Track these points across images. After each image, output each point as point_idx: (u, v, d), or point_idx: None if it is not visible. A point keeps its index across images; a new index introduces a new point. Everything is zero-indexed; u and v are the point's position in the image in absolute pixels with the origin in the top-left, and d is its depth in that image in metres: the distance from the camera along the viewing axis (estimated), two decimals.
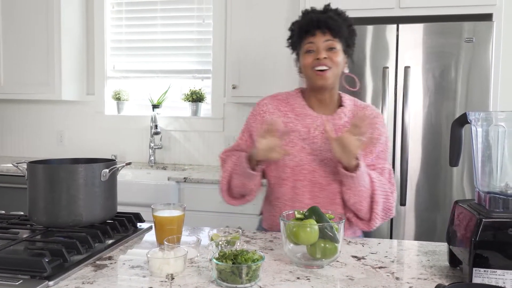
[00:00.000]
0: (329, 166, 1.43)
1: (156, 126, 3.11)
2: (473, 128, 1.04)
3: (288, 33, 1.51)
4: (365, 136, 1.29)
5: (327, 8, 1.47)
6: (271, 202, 1.53)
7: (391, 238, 2.34)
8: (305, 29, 1.42)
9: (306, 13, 1.47)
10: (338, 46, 1.42)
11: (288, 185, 1.45)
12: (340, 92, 1.55)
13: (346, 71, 1.51)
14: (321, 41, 1.40)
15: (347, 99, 1.53)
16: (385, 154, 1.50)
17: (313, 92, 1.50)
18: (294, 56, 1.53)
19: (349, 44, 1.48)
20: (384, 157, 1.50)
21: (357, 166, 1.34)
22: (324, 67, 1.40)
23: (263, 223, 1.60)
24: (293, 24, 1.50)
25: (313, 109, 1.49)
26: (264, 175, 1.52)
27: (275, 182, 1.49)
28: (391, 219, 2.34)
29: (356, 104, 1.54)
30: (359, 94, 2.34)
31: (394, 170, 2.32)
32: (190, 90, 3.18)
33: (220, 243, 1.15)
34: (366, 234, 1.58)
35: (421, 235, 2.31)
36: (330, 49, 1.41)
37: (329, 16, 1.41)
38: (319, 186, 1.44)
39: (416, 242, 1.37)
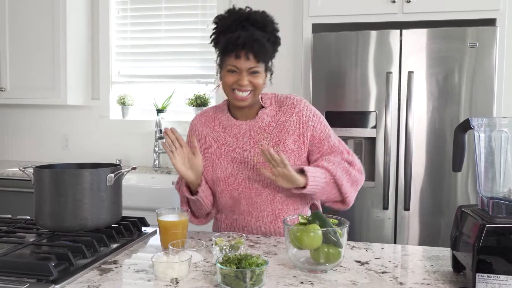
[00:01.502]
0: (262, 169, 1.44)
1: (160, 131, 3.12)
2: (476, 134, 1.05)
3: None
4: (278, 155, 1.31)
5: (254, 17, 1.39)
6: (217, 210, 1.57)
7: (395, 243, 2.33)
8: (230, 49, 1.37)
9: (232, 18, 1.40)
10: (261, 68, 1.40)
11: (225, 196, 1.49)
12: (262, 93, 1.52)
13: (265, 87, 1.47)
14: (244, 66, 1.37)
15: (268, 98, 1.53)
16: (325, 132, 1.48)
17: (233, 107, 1.51)
18: (217, 62, 1.49)
19: (272, 59, 1.45)
20: (326, 136, 1.48)
21: (306, 177, 1.36)
22: (244, 94, 1.40)
23: (212, 227, 1.64)
24: (218, 20, 1.46)
25: (237, 118, 1.51)
26: None
27: (215, 195, 1.52)
28: (395, 225, 2.34)
29: (276, 99, 1.53)
30: (363, 98, 2.35)
31: (398, 174, 2.33)
32: (194, 95, 3.19)
33: (224, 247, 1.16)
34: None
35: (425, 240, 2.31)
36: (253, 73, 1.39)
37: (255, 38, 1.34)
38: (255, 190, 1.46)
39: (419, 247, 1.37)
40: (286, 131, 1.47)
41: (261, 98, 1.52)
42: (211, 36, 1.49)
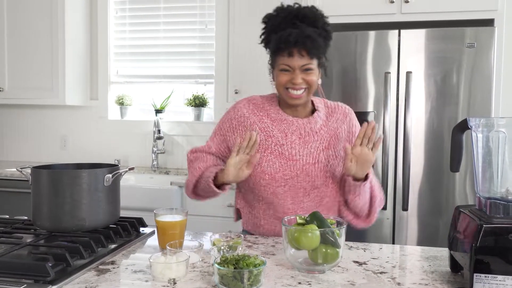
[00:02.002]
0: (312, 171, 1.43)
1: (159, 131, 3.12)
2: (474, 134, 1.05)
3: None
4: (375, 141, 1.32)
5: (303, 12, 1.38)
6: (252, 204, 1.52)
7: (393, 243, 2.33)
8: (282, 48, 1.36)
9: (282, 16, 1.39)
10: (314, 65, 1.39)
11: (268, 191, 1.45)
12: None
13: (319, 82, 1.47)
14: (297, 64, 1.36)
15: (318, 102, 1.53)
16: None
17: (286, 103, 1.49)
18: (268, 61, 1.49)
19: (325, 55, 1.45)
20: None
21: (367, 174, 1.37)
22: (298, 91, 1.39)
23: (244, 225, 1.59)
24: (268, 19, 1.44)
25: (287, 113, 1.48)
26: None
27: (255, 187, 1.47)
28: (394, 225, 2.34)
29: (327, 105, 1.54)
30: (361, 99, 2.35)
31: (396, 175, 2.33)
32: (193, 95, 3.19)
33: (222, 248, 1.16)
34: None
35: (423, 240, 2.31)
36: (306, 70, 1.38)
37: (307, 34, 1.33)
38: (303, 191, 1.44)
39: (417, 247, 1.37)
40: (337, 137, 1.47)
41: (312, 101, 1.51)
42: (261, 36, 1.46)
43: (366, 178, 1.38)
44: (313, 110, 1.51)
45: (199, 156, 1.53)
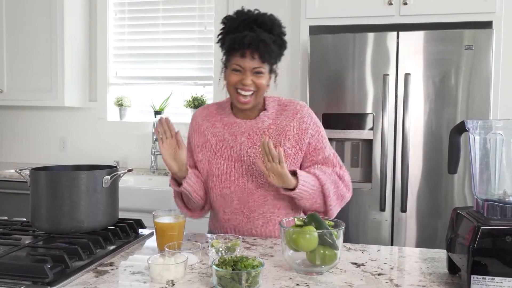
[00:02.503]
0: (256, 170, 1.46)
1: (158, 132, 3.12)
2: (471, 136, 1.05)
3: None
4: (277, 151, 1.33)
5: (262, 20, 1.41)
6: (212, 208, 1.59)
7: (392, 244, 2.34)
8: (235, 48, 1.38)
9: (241, 19, 1.42)
10: (265, 69, 1.42)
11: (216, 192, 1.50)
12: (265, 95, 1.54)
13: (268, 89, 1.49)
14: (249, 66, 1.39)
15: (271, 101, 1.54)
16: (321, 142, 1.51)
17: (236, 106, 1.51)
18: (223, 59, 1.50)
19: (277, 62, 1.47)
20: (322, 146, 1.50)
21: (297, 180, 1.38)
22: (247, 93, 1.41)
23: (214, 232, 1.62)
24: (227, 21, 1.48)
25: (238, 117, 1.52)
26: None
27: (207, 190, 1.54)
28: (392, 226, 2.34)
29: (280, 103, 1.54)
30: (359, 101, 2.35)
31: (395, 176, 2.33)
32: (192, 96, 3.19)
33: (220, 249, 1.16)
34: None
35: (422, 241, 2.31)
36: (257, 73, 1.40)
37: (262, 38, 1.36)
38: (248, 190, 1.47)
39: (415, 249, 1.38)
40: (285, 135, 1.48)
41: (264, 101, 1.53)
42: (218, 36, 1.50)
43: (296, 185, 1.38)
44: (263, 109, 1.53)
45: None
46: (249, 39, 1.36)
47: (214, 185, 1.49)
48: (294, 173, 1.40)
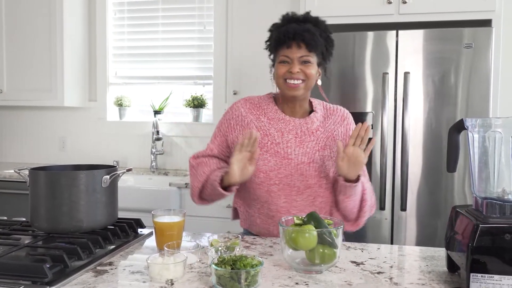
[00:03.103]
0: (306, 170, 1.45)
1: (157, 132, 3.12)
2: (470, 134, 1.05)
3: None
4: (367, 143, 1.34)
5: (306, 16, 1.46)
6: (248, 202, 1.54)
7: (392, 243, 2.34)
8: (281, 40, 1.41)
9: (285, 19, 1.47)
10: (313, 59, 1.43)
11: (262, 189, 1.47)
12: (310, 97, 1.56)
13: (319, 83, 1.52)
14: (295, 55, 1.41)
15: (317, 103, 1.55)
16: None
17: (284, 100, 1.51)
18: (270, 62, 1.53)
19: (325, 57, 1.48)
20: None
21: (358, 176, 1.38)
22: (296, 81, 1.41)
23: (242, 224, 1.61)
24: (273, 26, 1.50)
25: (285, 113, 1.51)
26: None
27: (250, 185, 1.49)
28: (392, 225, 2.34)
29: (326, 107, 1.56)
30: (359, 100, 2.35)
31: (394, 175, 2.33)
32: (192, 96, 3.19)
33: (220, 248, 1.16)
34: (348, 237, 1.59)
35: (422, 240, 2.31)
36: (304, 62, 1.42)
37: (307, 28, 1.40)
38: (297, 189, 1.46)
39: (415, 247, 1.38)
40: (333, 139, 1.49)
41: (311, 102, 1.54)
42: (266, 42, 1.51)
43: (357, 179, 1.39)
44: (311, 111, 1.53)
45: (202, 161, 1.54)
46: (293, 29, 1.39)
47: (261, 181, 1.46)
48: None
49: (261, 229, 1.52)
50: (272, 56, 1.50)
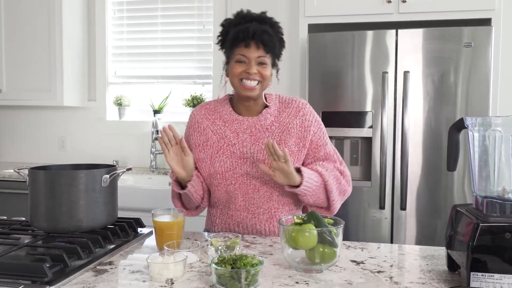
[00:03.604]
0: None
1: (157, 131, 3.12)
2: (470, 133, 1.05)
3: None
4: (281, 149, 1.34)
5: (262, 16, 1.46)
6: (211, 205, 1.58)
7: (391, 242, 2.34)
8: (240, 38, 1.40)
9: (240, 16, 1.46)
10: (269, 60, 1.44)
11: (221, 190, 1.49)
12: (265, 93, 1.54)
13: (270, 85, 1.51)
14: (253, 55, 1.40)
15: (273, 97, 1.54)
16: (323, 139, 1.53)
17: (239, 100, 1.51)
18: (224, 58, 1.52)
19: (278, 57, 1.50)
20: (323, 143, 1.52)
21: (302, 177, 1.39)
22: (252, 83, 1.42)
23: (205, 224, 1.64)
24: (226, 21, 1.49)
25: (240, 114, 1.52)
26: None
27: (210, 188, 1.53)
28: (392, 224, 2.34)
29: (281, 100, 1.55)
30: (358, 99, 2.35)
31: (394, 174, 2.33)
32: (191, 95, 3.19)
33: (220, 248, 1.16)
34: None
35: (422, 239, 2.31)
36: (261, 63, 1.42)
37: (265, 30, 1.40)
38: (253, 187, 1.47)
39: (415, 246, 1.38)
40: (288, 132, 1.49)
41: (265, 98, 1.53)
42: (218, 37, 1.51)
43: (300, 183, 1.39)
44: (266, 107, 1.54)
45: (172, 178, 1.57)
46: (253, 29, 1.39)
47: (218, 182, 1.49)
48: (298, 170, 1.41)
49: (220, 229, 1.55)
50: (225, 54, 1.50)
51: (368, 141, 2.37)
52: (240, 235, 1.31)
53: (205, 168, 1.51)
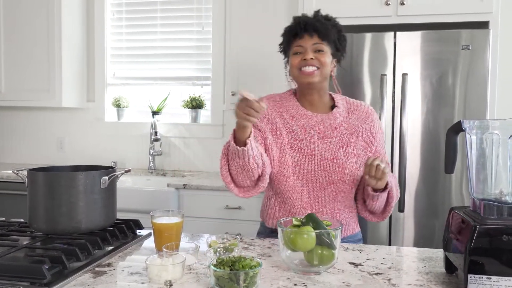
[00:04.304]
0: (329, 166, 1.45)
1: (156, 133, 3.12)
2: (468, 136, 1.05)
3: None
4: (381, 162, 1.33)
5: (316, 13, 1.50)
6: (272, 198, 1.54)
7: (390, 244, 2.34)
8: (293, 32, 1.45)
9: (296, 19, 1.51)
10: (326, 48, 1.45)
11: (289, 183, 1.47)
12: (331, 92, 1.57)
13: (334, 74, 1.52)
14: (308, 43, 1.43)
15: (339, 99, 1.55)
16: (383, 148, 1.57)
17: (302, 93, 1.51)
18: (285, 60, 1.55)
19: (338, 48, 1.50)
20: (383, 152, 1.56)
21: (387, 184, 1.39)
22: (310, 68, 1.42)
23: (267, 222, 1.56)
24: (285, 29, 1.53)
25: (306, 109, 1.51)
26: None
27: (276, 178, 1.49)
28: (390, 226, 2.34)
29: (348, 102, 1.56)
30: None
31: None
32: (190, 96, 3.19)
33: (218, 249, 1.16)
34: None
35: (420, 241, 2.32)
36: (318, 51, 1.43)
37: (318, 19, 1.45)
38: (319, 185, 1.46)
39: (413, 248, 1.38)
40: (357, 135, 1.49)
41: (333, 98, 1.54)
42: (280, 45, 1.54)
43: (385, 187, 1.41)
44: (333, 106, 1.54)
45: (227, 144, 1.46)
46: (305, 20, 1.45)
47: (289, 174, 1.46)
48: None
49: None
50: (286, 54, 1.52)
51: None
52: (238, 236, 1.31)
53: (275, 156, 1.46)
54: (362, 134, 1.50)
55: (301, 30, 1.43)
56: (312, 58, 1.42)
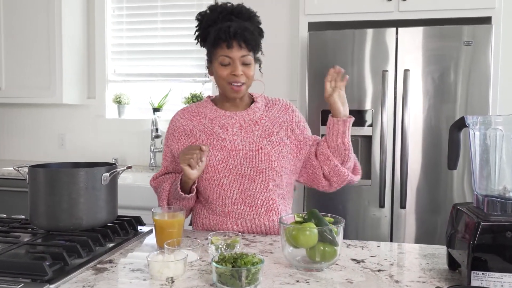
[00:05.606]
0: (255, 156, 1.45)
1: (156, 130, 3.12)
2: (471, 132, 1.05)
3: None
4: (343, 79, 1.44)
5: (240, 8, 1.46)
6: (202, 204, 1.55)
7: (391, 241, 2.34)
8: (222, 39, 1.39)
9: (218, 11, 1.46)
10: (252, 58, 1.45)
11: (212, 183, 1.46)
12: (250, 92, 1.58)
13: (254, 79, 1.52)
14: (237, 55, 1.40)
15: (258, 96, 1.56)
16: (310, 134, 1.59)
17: (225, 98, 1.52)
18: (206, 56, 1.55)
19: (259, 50, 1.50)
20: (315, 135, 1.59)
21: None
22: (239, 83, 1.42)
23: (193, 226, 1.59)
24: (201, 16, 1.51)
25: (226, 109, 1.53)
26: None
27: (200, 184, 1.49)
28: (392, 223, 2.34)
29: (267, 98, 1.58)
30: (358, 97, 2.35)
31: (394, 173, 2.33)
32: (191, 93, 3.19)
33: (220, 246, 1.16)
34: None
35: (421, 238, 2.31)
36: (245, 64, 1.42)
37: (246, 27, 1.40)
38: (248, 177, 1.45)
39: (415, 245, 1.38)
40: (279, 125, 1.51)
41: (251, 96, 1.56)
42: (195, 33, 1.52)
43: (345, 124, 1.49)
44: (252, 102, 1.55)
45: (161, 180, 1.57)
46: (234, 28, 1.38)
47: (210, 176, 1.45)
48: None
49: (211, 227, 1.51)
50: (207, 52, 1.51)
51: (368, 139, 2.37)
52: (240, 233, 1.30)
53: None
54: (284, 123, 1.51)
55: (230, 39, 1.38)
56: (241, 74, 1.41)
